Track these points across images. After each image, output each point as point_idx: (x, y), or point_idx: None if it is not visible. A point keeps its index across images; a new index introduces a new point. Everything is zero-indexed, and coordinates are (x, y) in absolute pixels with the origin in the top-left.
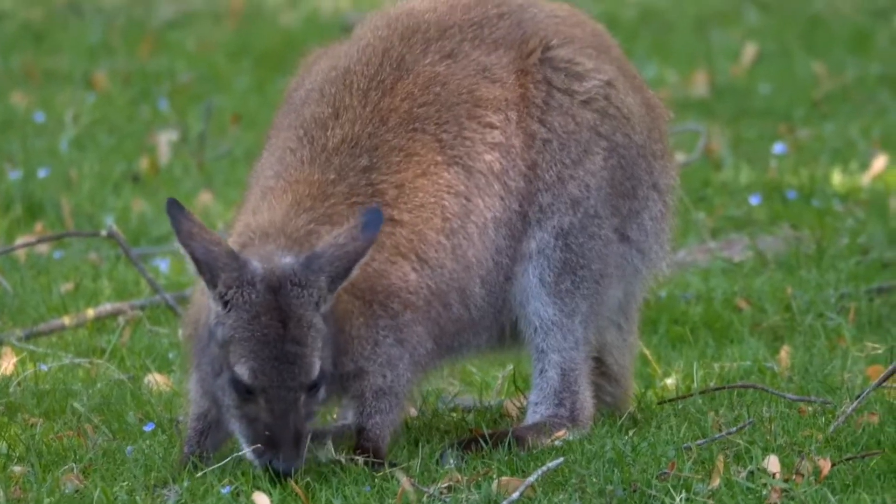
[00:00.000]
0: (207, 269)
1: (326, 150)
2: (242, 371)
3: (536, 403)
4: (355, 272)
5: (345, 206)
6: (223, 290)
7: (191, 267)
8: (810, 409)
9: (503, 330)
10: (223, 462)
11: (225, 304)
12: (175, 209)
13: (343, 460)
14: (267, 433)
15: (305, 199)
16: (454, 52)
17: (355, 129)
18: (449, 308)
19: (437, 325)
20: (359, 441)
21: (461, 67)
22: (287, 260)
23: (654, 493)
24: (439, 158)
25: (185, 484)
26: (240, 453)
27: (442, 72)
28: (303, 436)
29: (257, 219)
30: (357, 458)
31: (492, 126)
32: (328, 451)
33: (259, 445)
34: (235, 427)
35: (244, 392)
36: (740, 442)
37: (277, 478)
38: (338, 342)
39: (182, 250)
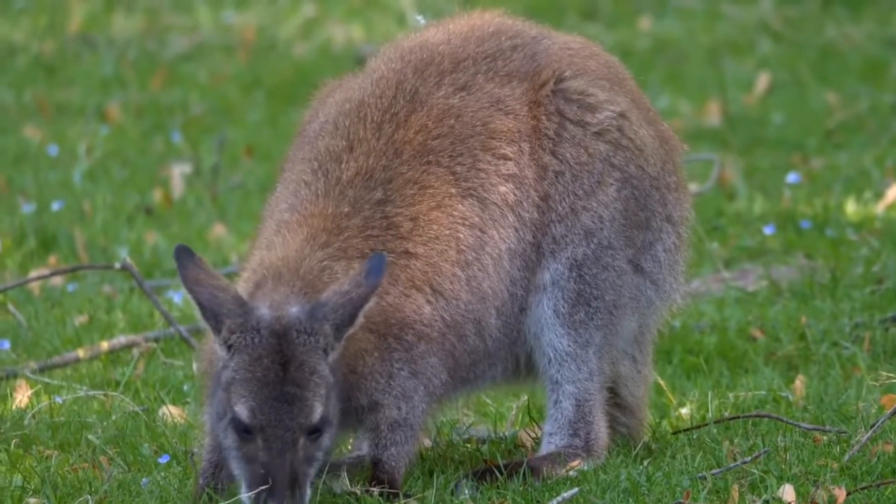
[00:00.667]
0: (212, 316)
1: (341, 183)
2: (241, 411)
3: (551, 434)
4: (360, 319)
5: (359, 238)
6: (227, 335)
7: (197, 313)
8: (825, 438)
9: (518, 361)
10: (235, 499)
11: (229, 348)
12: (182, 255)
13: (358, 492)
14: (262, 472)
15: (320, 234)
16: (468, 84)
17: (370, 162)
18: (464, 340)
19: (451, 356)
20: (374, 473)
21: (475, 100)
22: (293, 310)
23: None
24: (453, 190)
25: None
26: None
27: (456, 104)
28: (300, 477)
29: (271, 255)
30: (372, 490)
31: (505, 158)
32: (343, 482)
33: (256, 490)
34: (235, 468)
35: (243, 432)
36: (755, 471)
37: None
38: (349, 382)
39: (188, 296)
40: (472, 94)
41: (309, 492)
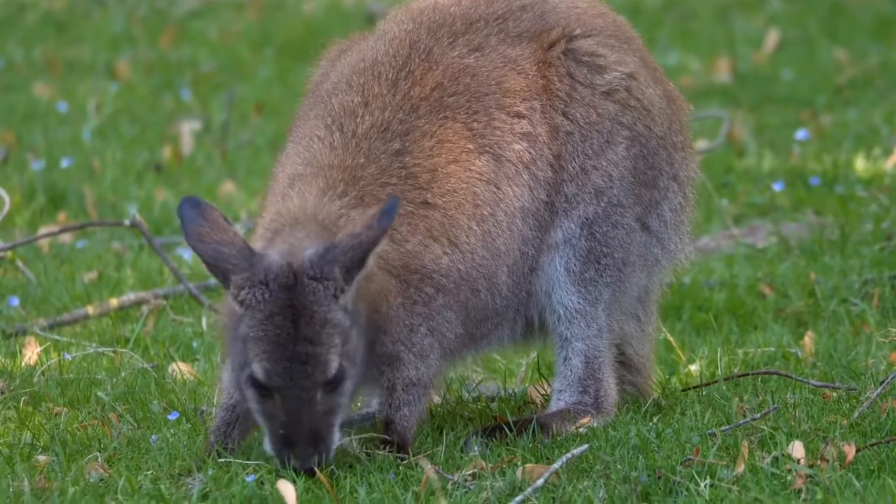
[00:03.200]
0: (219, 271)
1: (356, 136)
2: (258, 370)
3: (560, 391)
4: (370, 262)
5: (376, 186)
6: (235, 291)
7: (205, 268)
8: (834, 394)
9: (530, 323)
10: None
11: (241, 303)
12: (185, 209)
13: (368, 453)
14: (281, 431)
15: (337, 183)
16: (481, 45)
17: (385, 116)
18: (477, 294)
19: (465, 310)
20: (386, 432)
21: (489, 60)
22: (307, 253)
23: (678, 479)
24: (470, 146)
25: (210, 472)
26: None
27: (471, 63)
28: (321, 432)
29: (288, 205)
30: (382, 452)
31: (520, 116)
32: (352, 442)
33: (278, 449)
34: (258, 420)
35: (262, 389)
36: (765, 428)
37: (297, 474)
38: (374, 322)
39: (194, 252)
40: (486, 55)
41: (337, 436)
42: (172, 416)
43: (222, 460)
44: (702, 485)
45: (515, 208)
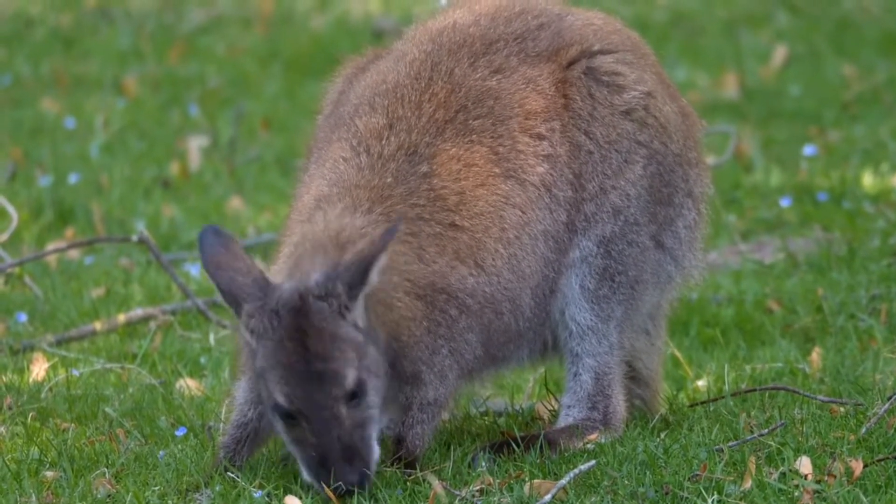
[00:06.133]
0: (232, 300)
1: (383, 157)
2: (279, 397)
3: (569, 406)
4: (374, 276)
5: (404, 206)
6: (247, 319)
7: (219, 296)
8: (842, 410)
9: (545, 342)
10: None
11: (251, 332)
12: (206, 237)
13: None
14: (314, 454)
15: (363, 202)
16: (502, 66)
17: (412, 138)
18: (500, 317)
19: (487, 332)
20: (396, 450)
21: (511, 83)
22: (315, 275)
23: (685, 495)
24: (497, 170)
25: (218, 488)
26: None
27: (493, 87)
28: (355, 446)
29: (313, 228)
30: (392, 468)
31: (541, 137)
32: None
33: (314, 474)
34: (291, 451)
35: (288, 419)
36: (772, 443)
37: (343, 496)
38: (394, 350)
39: (210, 280)
40: (508, 77)
41: (376, 450)
42: (180, 432)
43: (230, 475)
44: (709, 500)
45: (538, 231)
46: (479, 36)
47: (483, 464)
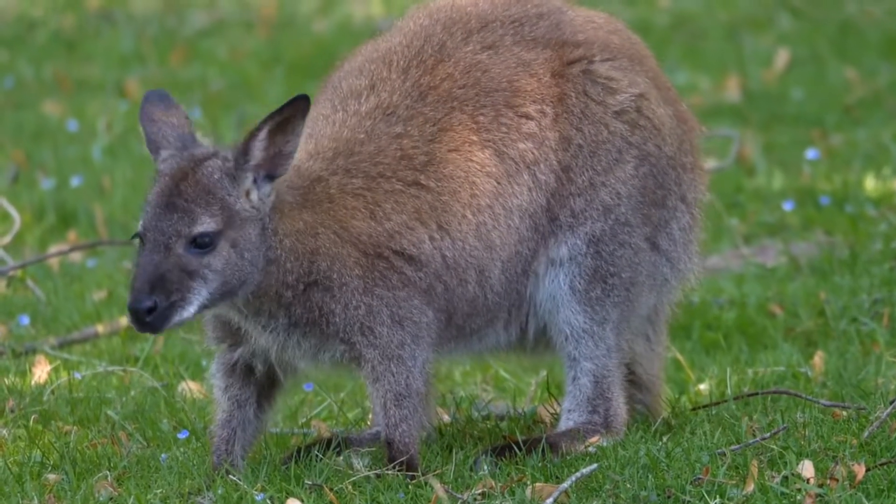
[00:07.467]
0: (154, 147)
1: (359, 114)
2: (140, 222)
3: (570, 410)
4: (257, 149)
5: (369, 164)
6: (160, 163)
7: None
8: (844, 414)
9: (524, 331)
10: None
11: (157, 173)
12: (151, 96)
13: (378, 473)
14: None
15: (327, 151)
16: (495, 44)
17: (392, 99)
18: (465, 284)
19: (450, 300)
20: (390, 454)
21: (502, 59)
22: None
23: (688, 498)
24: (474, 138)
25: (220, 491)
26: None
27: (483, 60)
28: (168, 282)
29: None
30: (391, 472)
31: (528, 117)
32: (359, 461)
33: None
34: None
35: (140, 243)
36: (774, 447)
37: (131, 321)
38: (313, 281)
39: (141, 132)
40: (499, 54)
41: (195, 306)
42: (182, 435)
43: (231, 478)
44: None
45: (514, 205)
46: (477, 15)
47: (485, 467)
